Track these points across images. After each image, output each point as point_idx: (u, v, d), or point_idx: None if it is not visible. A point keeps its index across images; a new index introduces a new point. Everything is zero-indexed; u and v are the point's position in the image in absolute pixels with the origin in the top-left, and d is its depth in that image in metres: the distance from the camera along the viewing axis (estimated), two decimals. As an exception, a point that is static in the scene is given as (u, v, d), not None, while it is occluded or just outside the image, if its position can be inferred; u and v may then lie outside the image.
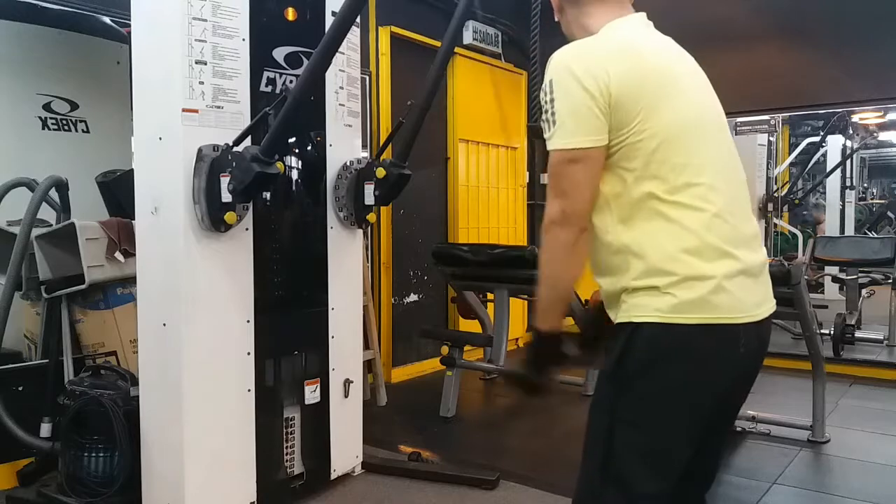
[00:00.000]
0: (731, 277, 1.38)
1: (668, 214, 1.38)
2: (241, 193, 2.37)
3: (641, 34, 1.51)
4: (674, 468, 1.44)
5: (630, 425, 1.42)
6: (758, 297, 1.45)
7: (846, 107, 7.44)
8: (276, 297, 2.70)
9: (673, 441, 1.43)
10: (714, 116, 1.50)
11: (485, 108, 5.64)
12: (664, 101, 1.40)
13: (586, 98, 1.36)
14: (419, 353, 5.09)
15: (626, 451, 1.43)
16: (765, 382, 5.20)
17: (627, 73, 1.38)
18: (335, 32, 2.29)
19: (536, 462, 3.38)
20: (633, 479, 1.42)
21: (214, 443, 2.51)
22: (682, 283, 1.36)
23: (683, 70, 1.50)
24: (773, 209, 8.59)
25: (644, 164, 1.39)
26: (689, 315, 1.36)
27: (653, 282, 1.38)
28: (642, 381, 1.41)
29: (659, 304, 1.37)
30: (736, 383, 1.49)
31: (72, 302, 3.16)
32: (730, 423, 1.64)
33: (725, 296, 1.37)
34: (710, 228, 1.38)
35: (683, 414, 1.42)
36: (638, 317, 1.40)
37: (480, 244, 4.91)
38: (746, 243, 1.44)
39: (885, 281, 6.09)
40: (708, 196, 1.39)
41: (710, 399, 1.44)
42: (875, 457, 3.46)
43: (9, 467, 2.97)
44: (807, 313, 3.42)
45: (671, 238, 1.38)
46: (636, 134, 1.38)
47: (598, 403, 1.49)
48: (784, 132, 10.21)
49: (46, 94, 3.67)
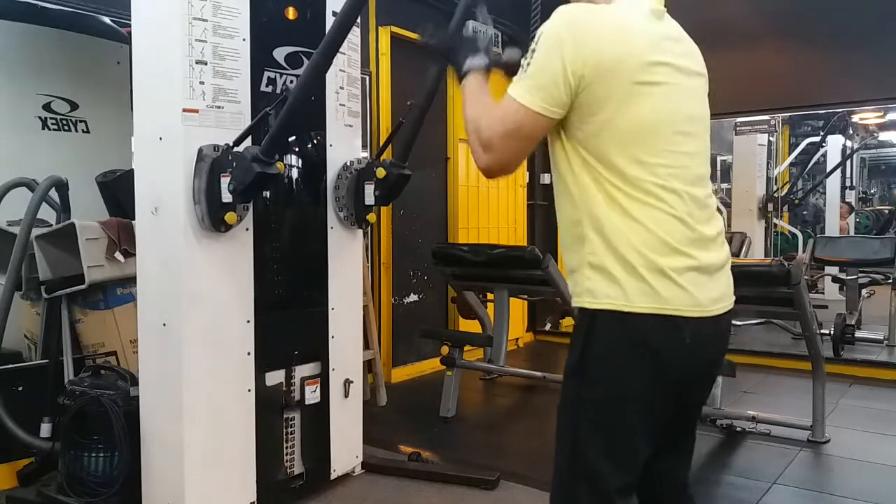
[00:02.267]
0: (680, 272, 1.40)
1: (624, 207, 1.40)
2: (242, 193, 2.36)
3: (645, 22, 1.46)
4: (636, 461, 1.46)
5: (591, 421, 1.45)
6: (713, 293, 1.46)
7: (846, 107, 7.45)
8: (276, 297, 2.70)
9: (632, 434, 1.45)
10: (687, 120, 1.48)
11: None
12: (638, 96, 1.40)
13: (560, 69, 1.38)
14: (419, 353, 5.09)
15: (590, 446, 1.45)
16: (765, 382, 5.23)
17: (609, 57, 1.38)
18: (336, 32, 2.29)
19: (536, 462, 3.38)
20: (600, 474, 1.44)
21: (214, 443, 2.50)
22: (633, 271, 1.39)
23: (675, 69, 1.46)
24: (773, 209, 8.59)
25: (608, 152, 1.41)
26: (638, 304, 1.39)
27: (605, 262, 1.41)
28: (599, 373, 1.44)
29: (609, 291, 1.40)
30: (689, 376, 1.49)
31: (72, 302, 3.16)
32: (692, 419, 1.64)
33: (674, 289, 1.39)
34: (661, 225, 1.40)
35: (639, 406, 1.44)
36: (591, 303, 1.43)
37: (480, 244, 4.91)
38: (704, 245, 1.45)
39: (885, 281, 6.09)
40: (663, 195, 1.41)
41: (664, 390, 1.45)
42: (875, 457, 3.46)
43: (9, 467, 2.97)
44: (807, 313, 3.42)
45: (625, 229, 1.40)
46: (603, 122, 1.40)
47: (564, 399, 1.51)
48: (784, 132, 10.22)
49: (46, 94, 3.67)
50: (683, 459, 1.63)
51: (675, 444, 1.56)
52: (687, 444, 1.63)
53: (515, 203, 6.08)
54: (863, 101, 6.19)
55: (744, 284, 2.03)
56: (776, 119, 8.74)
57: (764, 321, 5.96)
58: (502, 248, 4.46)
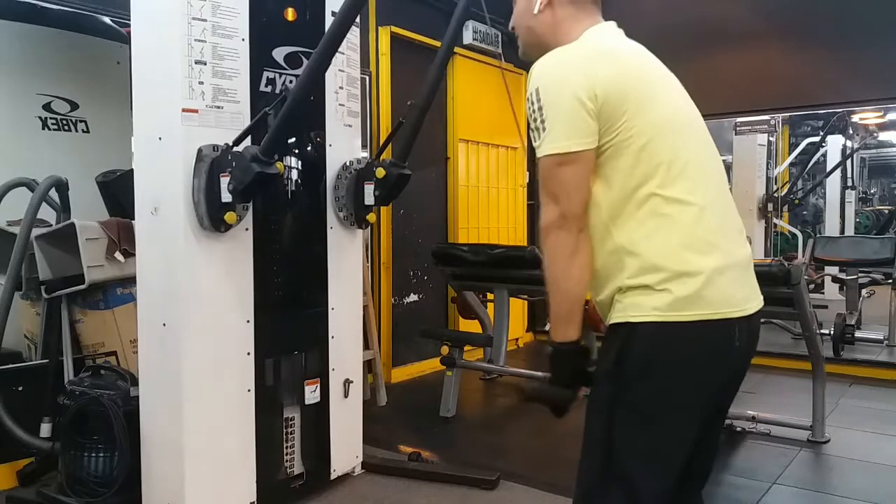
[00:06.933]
0: (721, 272, 1.40)
1: (660, 210, 1.40)
2: (241, 193, 2.37)
3: (619, 40, 1.55)
4: (675, 466, 1.45)
5: (630, 425, 1.43)
6: (746, 291, 1.48)
7: (846, 107, 7.43)
8: (276, 297, 2.70)
9: (673, 439, 1.44)
10: (689, 115, 1.53)
11: (485, 109, 5.63)
12: (646, 102, 1.43)
13: (575, 102, 1.39)
14: (419, 353, 5.08)
15: (628, 450, 1.43)
16: (765, 382, 5.21)
17: (613, 76, 1.42)
18: (335, 32, 2.30)
19: (536, 462, 3.38)
20: (636, 479, 1.42)
21: (214, 443, 2.50)
22: (675, 279, 1.38)
23: (658, 73, 1.54)
24: (773, 209, 8.58)
25: (633, 162, 1.41)
26: (684, 312, 1.38)
27: (645, 279, 1.40)
28: (641, 380, 1.42)
29: (656, 303, 1.39)
30: (730, 379, 1.51)
31: (72, 302, 3.16)
32: (723, 419, 1.65)
33: (717, 290, 1.39)
34: (699, 221, 1.41)
35: (682, 412, 1.43)
36: (635, 316, 1.41)
37: (480, 244, 4.91)
38: (733, 237, 1.48)
39: (885, 281, 6.08)
40: (695, 191, 1.42)
41: (706, 396, 1.45)
42: (875, 457, 3.46)
43: (9, 467, 2.97)
44: (807, 313, 3.42)
45: (664, 232, 1.40)
46: (624, 133, 1.41)
47: (595, 403, 1.48)
48: (784, 132, 10.21)
49: (46, 94, 3.67)
50: (710, 455, 1.62)
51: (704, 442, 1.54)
52: (714, 441, 1.63)
53: (515, 203, 6.08)
54: (863, 101, 6.18)
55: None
56: (776, 119, 8.72)
57: (764, 321, 5.93)
58: (502, 248, 4.46)
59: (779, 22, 5.20)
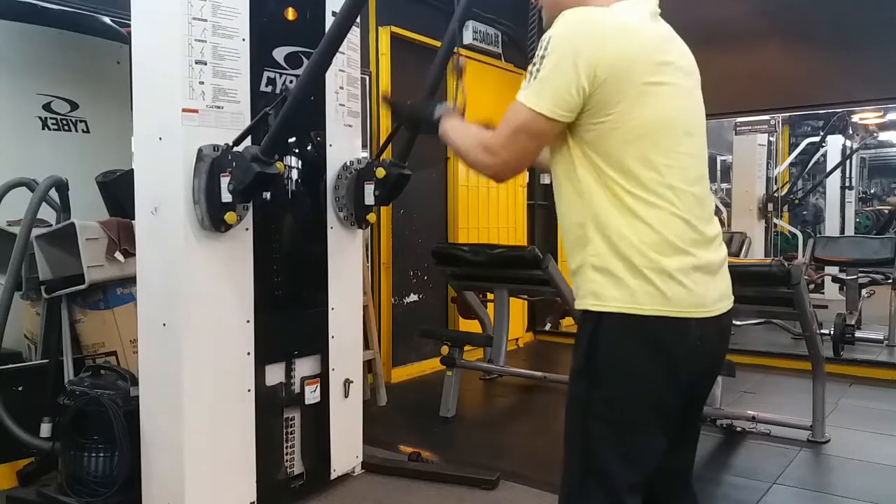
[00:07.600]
0: (686, 273, 1.42)
1: (630, 207, 1.41)
2: (241, 193, 2.37)
3: (647, 23, 1.49)
4: (649, 459, 1.48)
5: (603, 420, 1.46)
6: (716, 293, 1.49)
7: (846, 107, 7.43)
8: (276, 297, 2.70)
9: (645, 433, 1.46)
10: (689, 120, 1.51)
11: (485, 109, 5.61)
12: (647, 96, 1.42)
13: (572, 74, 1.39)
14: (419, 353, 5.09)
15: (603, 446, 1.46)
16: (765, 382, 5.23)
17: (621, 58, 1.40)
18: (335, 32, 2.29)
19: (536, 462, 3.38)
20: (613, 474, 1.45)
21: (214, 443, 2.50)
22: (638, 273, 1.40)
23: (676, 68, 1.50)
24: (773, 209, 8.59)
25: (616, 153, 1.42)
26: (645, 306, 1.40)
27: (609, 264, 1.42)
28: (610, 375, 1.45)
29: (616, 294, 1.42)
30: (697, 375, 1.52)
31: (72, 302, 3.16)
32: (697, 415, 1.67)
33: (680, 289, 1.41)
34: (666, 225, 1.42)
35: (651, 406, 1.46)
36: (597, 305, 1.44)
37: (480, 244, 4.90)
38: (705, 244, 1.48)
39: (885, 281, 6.08)
40: (668, 195, 1.42)
41: (673, 390, 1.47)
42: (875, 457, 3.46)
43: (9, 467, 2.97)
44: (807, 313, 3.42)
45: (630, 230, 1.41)
46: (614, 122, 1.41)
47: (572, 400, 1.52)
48: (784, 132, 10.21)
49: (46, 94, 3.67)
50: (687, 456, 1.65)
51: (679, 441, 1.56)
52: (690, 441, 1.65)
53: (515, 203, 6.07)
54: (863, 101, 6.18)
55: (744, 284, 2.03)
56: (776, 119, 8.73)
57: (764, 321, 5.95)
58: (502, 248, 4.46)
59: (779, 22, 5.20)
